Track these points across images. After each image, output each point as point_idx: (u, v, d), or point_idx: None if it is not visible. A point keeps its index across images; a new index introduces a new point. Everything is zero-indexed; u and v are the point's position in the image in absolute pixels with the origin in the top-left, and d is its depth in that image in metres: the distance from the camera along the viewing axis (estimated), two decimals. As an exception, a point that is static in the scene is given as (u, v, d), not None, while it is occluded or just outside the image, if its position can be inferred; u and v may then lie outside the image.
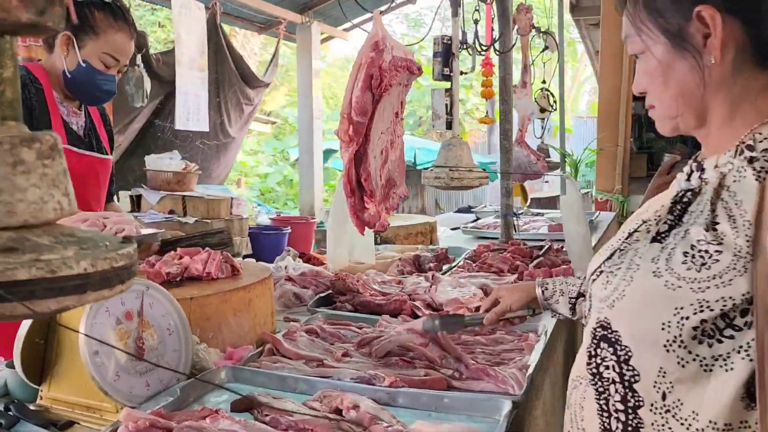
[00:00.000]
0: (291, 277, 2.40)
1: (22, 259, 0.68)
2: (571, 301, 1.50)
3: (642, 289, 0.93)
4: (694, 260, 0.89)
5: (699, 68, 0.94)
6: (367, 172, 1.65)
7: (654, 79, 1.00)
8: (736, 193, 0.92)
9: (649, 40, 0.98)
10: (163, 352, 1.51)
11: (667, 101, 1.00)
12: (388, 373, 1.56)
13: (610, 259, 1.06)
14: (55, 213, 0.75)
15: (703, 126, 1.00)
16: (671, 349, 0.89)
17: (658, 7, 0.97)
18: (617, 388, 0.97)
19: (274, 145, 15.23)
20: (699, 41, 0.94)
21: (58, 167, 0.76)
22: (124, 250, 0.77)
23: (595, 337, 1.01)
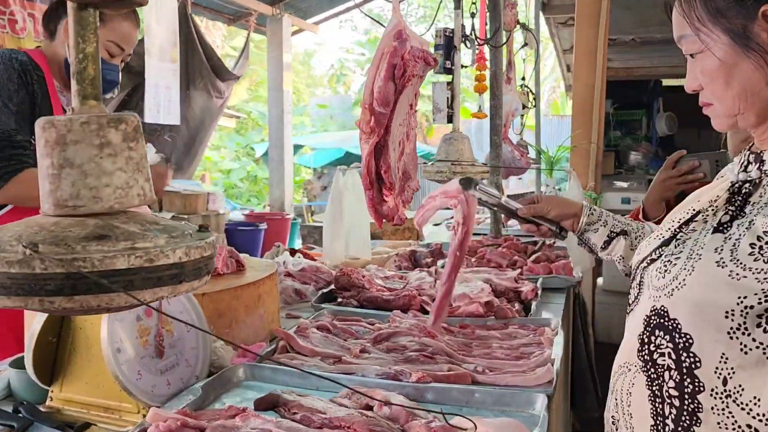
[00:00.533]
0: (290, 272, 2.35)
1: (117, 247, 0.63)
2: (610, 234, 1.50)
3: (705, 279, 0.94)
4: (762, 251, 0.90)
5: (765, 67, 0.95)
6: (387, 164, 1.62)
7: (715, 79, 1.00)
8: None
9: (710, 41, 0.98)
10: (182, 349, 1.45)
11: (729, 100, 1.00)
12: (412, 368, 1.54)
13: (664, 249, 1.06)
14: (139, 199, 0.71)
15: (764, 123, 1.00)
16: (735, 336, 0.90)
17: (719, 8, 0.96)
18: (672, 375, 0.97)
19: (237, 140, 15.00)
20: (764, 40, 0.94)
21: (142, 150, 0.71)
22: (209, 239, 0.73)
23: (649, 324, 1.01)
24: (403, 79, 1.60)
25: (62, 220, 0.66)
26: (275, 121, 7.85)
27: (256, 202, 13.97)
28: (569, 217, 1.54)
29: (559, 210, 1.55)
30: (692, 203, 1.10)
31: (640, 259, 1.13)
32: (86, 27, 0.69)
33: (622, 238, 1.49)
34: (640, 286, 1.09)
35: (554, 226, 1.56)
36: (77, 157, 0.66)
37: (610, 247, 1.50)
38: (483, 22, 3.13)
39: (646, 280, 1.07)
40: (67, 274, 0.60)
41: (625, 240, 1.48)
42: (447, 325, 1.88)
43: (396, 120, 1.66)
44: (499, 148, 3.27)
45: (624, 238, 1.48)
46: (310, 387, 1.51)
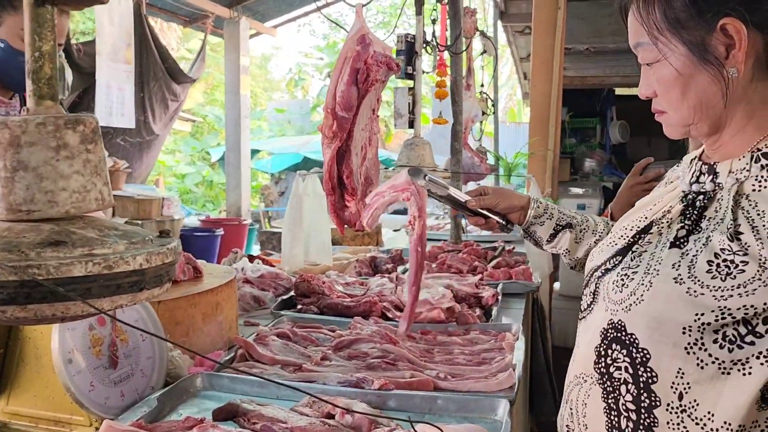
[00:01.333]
0: (249, 279, 2.31)
1: (74, 254, 0.60)
2: (556, 228, 1.49)
3: (663, 295, 0.93)
4: (719, 269, 0.90)
5: (721, 80, 0.95)
6: (349, 169, 1.60)
7: (671, 89, 0.99)
8: (757, 203, 0.92)
9: (667, 50, 0.97)
10: (137, 359, 1.41)
11: (684, 110, 1.00)
12: (374, 375, 1.52)
13: (619, 258, 1.06)
14: (97, 204, 0.68)
15: (717, 133, 1.01)
16: (691, 352, 0.90)
17: (678, 18, 0.95)
18: (629, 389, 0.97)
19: (192, 144, 14.76)
20: (721, 53, 0.94)
21: (100, 153, 0.69)
22: (171, 245, 0.70)
23: (606, 337, 1.01)
24: (366, 84, 1.59)
25: (15, 226, 0.63)
26: (232, 125, 7.75)
27: (211, 207, 13.75)
28: (517, 210, 1.52)
29: (508, 203, 1.53)
30: (643, 210, 1.11)
31: (594, 267, 1.12)
32: (43, 24, 0.66)
33: (567, 231, 1.49)
34: (595, 295, 1.08)
35: (502, 219, 1.54)
36: (32, 160, 0.63)
37: (556, 240, 1.50)
38: (443, 28, 3.15)
39: (601, 291, 1.06)
40: (21, 282, 0.57)
41: (570, 233, 1.49)
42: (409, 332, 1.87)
43: (358, 125, 1.65)
44: (460, 154, 3.29)
45: (569, 231, 1.49)
46: (270, 396, 1.48)
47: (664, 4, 0.96)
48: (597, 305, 1.07)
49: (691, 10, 0.94)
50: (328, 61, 17.54)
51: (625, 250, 1.07)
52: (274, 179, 13.40)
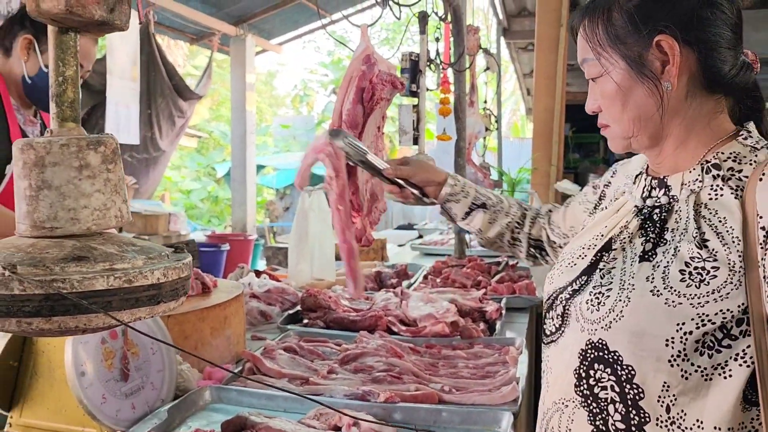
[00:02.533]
0: (256, 294, 2.34)
1: (95, 269, 0.63)
2: (471, 206, 1.51)
3: (642, 309, 0.95)
4: (692, 277, 0.93)
5: (657, 93, 1.00)
6: (355, 185, 1.64)
7: (612, 102, 1.04)
8: (717, 210, 0.96)
9: (609, 65, 1.03)
10: (147, 372, 1.44)
11: (625, 123, 1.05)
12: (380, 388, 1.55)
13: (586, 279, 1.06)
14: (116, 221, 0.71)
15: (657, 146, 1.06)
16: (675, 364, 0.92)
17: (618, 35, 1.01)
18: (617, 408, 0.97)
19: (198, 160, 14.85)
20: (657, 68, 1.00)
21: (120, 172, 0.72)
22: (185, 260, 0.73)
23: (586, 358, 1.01)
24: (372, 103, 1.63)
25: (39, 242, 0.66)
26: (238, 141, 7.82)
27: (217, 222, 13.81)
28: (433, 185, 1.53)
29: (425, 176, 1.53)
30: (598, 228, 1.13)
31: (557, 289, 1.12)
32: (66, 51, 0.70)
33: (481, 211, 1.51)
34: (564, 318, 1.07)
35: (418, 191, 1.53)
36: (56, 179, 0.67)
37: (469, 218, 1.52)
38: (447, 46, 3.20)
39: (573, 313, 1.05)
40: (46, 295, 0.60)
41: (485, 213, 1.51)
42: (413, 345, 1.90)
43: (364, 142, 1.68)
44: (463, 170, 3.32)
45: (483, 212, 1.51)
46: (277, 409, 1.51)
47: (606, 22, 1.03)
48: (569, 327, 1.06)
49: (630, 27, 1.00)
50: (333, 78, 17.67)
51: (590, 269, 1.07)
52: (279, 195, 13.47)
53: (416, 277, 2.87)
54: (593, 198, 1.35)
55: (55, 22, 0.68)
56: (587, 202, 1.37)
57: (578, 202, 1.42)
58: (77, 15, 0.66)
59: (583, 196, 1.40)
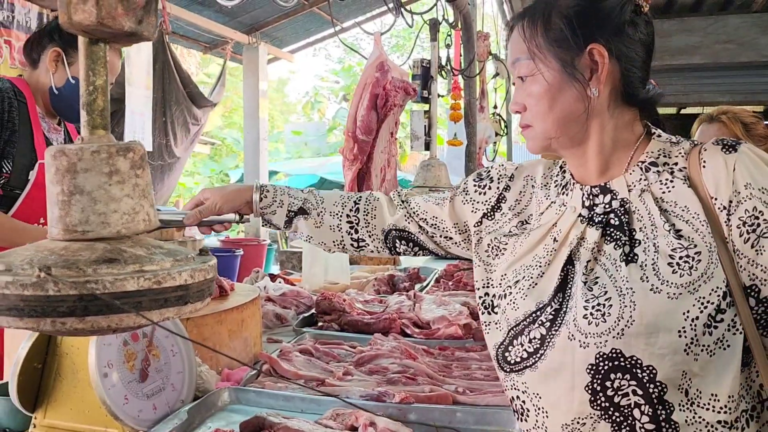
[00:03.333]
0: (271, 297, 2.37)
1: (126, 270, 0.66)
2: (289, 215, 1.39)
3: (649, 309, 0.97)
4: (681, 267, 0.98)
5: (585, 98, 1.05)
6: (369, 189, 1.66)
7: (539, 102, 1.08)
8: (676, 201, 1.02)
9: (542, 66, 1.07)
10: (168, 373, 1.47)
11: (549, 123, 1.08)
12: (395, 390, 1.57)
13: (562, 296, 1.05)
14: (144, 224, 0.74)
15: (575, 148, 1.09)
16: (690, 351, 0.96)
17: (555, 38, 1.06)
18: (644, 410, 0.98)
19: (211, 167, 14.96)
20: (587, 74, 1.05)
21: (147, 177, 0.75)
22: (211, 262, 0.76)
23: (598, 372, 1.00)
24: (385, 109, 1.66)
25: (71, 245, 0.69)
26: (251, 147, 7.87)
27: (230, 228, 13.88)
28: (243, 205, 1.40)
29: (230, 204, 1.40)
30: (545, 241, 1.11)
31: (526, 312, 1.08)
32: (97, 61, 0.73)
33: (302, 217, 1.39)
34: (544, 341, 1.04)
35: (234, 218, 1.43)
36: (87, 184, 0.70)
37: (293, 226, 1.41)
38: (457, 53, 3.22)
39: (562, 332, 1.03)
40: (80, 296, 0.63)
41: (306, 219, 1.39)
42: (427, 347, 1.92)
43: (378, 147, 1.71)
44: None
45: (304, 218, 1.39)
46: (294, 410, 1.53)
47: (545, 24, 1.07)
48: (553, 349, 1.03)
49: (567, 31, 1.05)
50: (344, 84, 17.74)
51: (562, 285, 1.06)
52: (291, 200, 13.50)
53: (429, 281, 2.89)
54: (484, 198, 1.27)
55: (86, 34, 0.71)
56: (474, 202, 1.28)
57: (462, 201, 1.31)
58: (107, 27, 0.69)
59: (465, 194, 1.31)
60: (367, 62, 1.71)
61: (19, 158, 2.01)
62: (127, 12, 0.71)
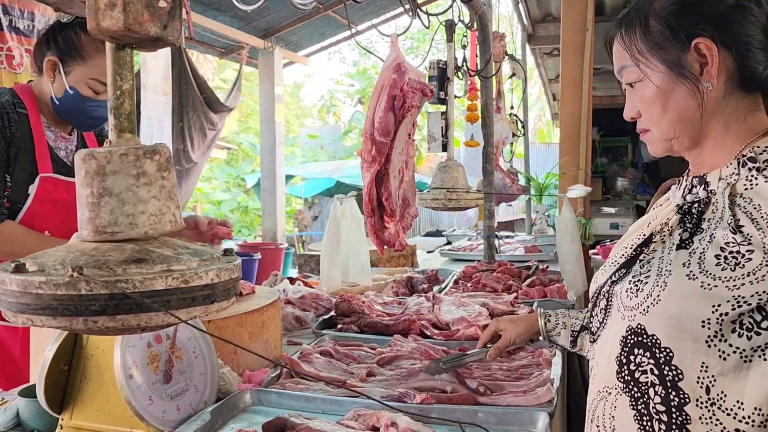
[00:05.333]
0: (291, 300, 2.38)
1: (154, 270, 0.67)
2: (573, 334, 1.50)
3: (678, 292, 0.99)
4: (728, 261, 0.96)
5: (697, 94, 1.04)
6: (388, 191, 1.67)
7: (652, 106, 1.09)
8: (752, 198, 1.00)
9: (648, 70, 1.07)
10: (191, 375, 1.48)
11: (665, 125, 1.09)
12: (413, 387, 1.57)
13: (623, 271, 1.11)
14: (171, 225, 0.75)
15: (698, 146, 1.10)
16: (713, 344, 0.95)
17: (656, 40, 1.06)
18: (657, 390, 1.00)
19: (228, 171, 15.06)
20: (696, 69, 1.04)
21: (173, 180, 0.76)
22: (236, 262, 0.77)
23: (626, 345, 1.05)
24: (403, 110, 1.66)
25: (101, 246, 0.70)
26: (267, 152, 7.92)
27: (247, 233, 13.97)
28: (533, 333, 1.56)
29: (521, 332, 1.58)
30: (641, 229, 1.17)
31: (599, 285, 1.17)
32: (123, 66, 0.74)
33: (585, 334, 1.47)
34: (606, 310, 1.12)
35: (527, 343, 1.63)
36: (116, 186, 0.71)
37: (579, 345, 1.49)
38: (474, 53, 3.23)
39: (614, 302, 1.10)
40: (111, 294, 0.64)
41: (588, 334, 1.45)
42: (446, 348, 1.92)
43: (396, 149, 1.72)
44: (492, 175, 3.34)
45: (586, 334, 1.46)
46: (315, 411, 1.54)
47: (643, 29, 1.08)
48: (610, 318, 1.11)
49: (667, 32, 1.05)
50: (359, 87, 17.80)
51: (629, 262, 1.12)
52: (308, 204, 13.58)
53: (447, 282, 2.90)
54: None
55: (114, 39, 0.73)
56: None
57: None
58: (134, 32, 0.71)
59: None
60: (384, 64, 1.72)
61: (19, 172, 1.95)
62: (153, 18, 0.72)
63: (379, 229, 1.79)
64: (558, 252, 2.66)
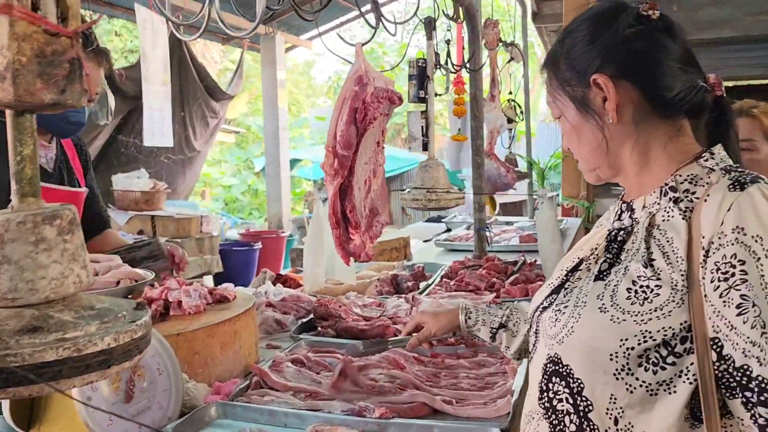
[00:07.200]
0: (271, 302, 2.41)
1: (48, 340, 0.69)
2: (491, 331, 1.56)
3: (590, 325, 1.01)
4: (637, 295, 0.98)
5: (602, 128, 1.07)
6: (352, 204, 1.68)
7: (570, 140, 1.13)
8: (666, 231, 1.00)
9: (562, 106, 1.12)
10: (154, 392, 1.51)
11: (585, 156, 1.13)
12: (378, 402, 1.59)
13: (554, 296, 1.14)
14: (75, 286, 0.77)
15: (620, 174, 1.12)
16: (620, 377, 0.97)
17: (565, 78, 1.10)
18: (572, 419, 1.03)
19: (237, 155, 15.11)
20: (599, 104, 1.06)
21: (77, 241, 0.77)
22: (141, 320, 0.79)
23: (546, 372, 1.08)
24: (365, 123, 1.66)
25: (1, 312, 0.72)
26: (271, 137, 7.94)
27: (257, 215, 14.04)
28: (453, 327, 1.64)
29: (442, 326, 1.65)
30: (577, 252, 1.19)
31: (533, 309, 1.20)
32: (23, 131, 0.75)
33: (502, 331, 1.54)
34: (537, 335, 1.15)
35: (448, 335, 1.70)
36: (14, 254, 0.72)
37: (497, 340, 1.56)
38: (460, 47, 3.19)
39: (540, 329, 1.13)
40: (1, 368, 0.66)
41: (506, 332, 1.54)
42: (418, 354, 1.93)
43: (360, 160, 1.72)
44: (481, 168, 3.33)
45: (504, 331, 1.54)
46: (278, 424, 1.57)
47: (555, 67, 1.12)
48: (539, 344, 1.14)
49: (571, 70, 1.08)
50: (367, 67, 17.67)
51: (558, 288, 1.14)
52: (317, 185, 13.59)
53: (434, 278, 2.90)
54: None
55: (9, 107, 0.74)
56: None
57: None
58: (27, 102, 0.72)
59: None
60: (347, 74, 1.71)
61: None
62: (48, 86, 0.73)
63: (345, 241, 1.80)
64: (539, 250, 2.66)
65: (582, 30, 1.08)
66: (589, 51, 1.06)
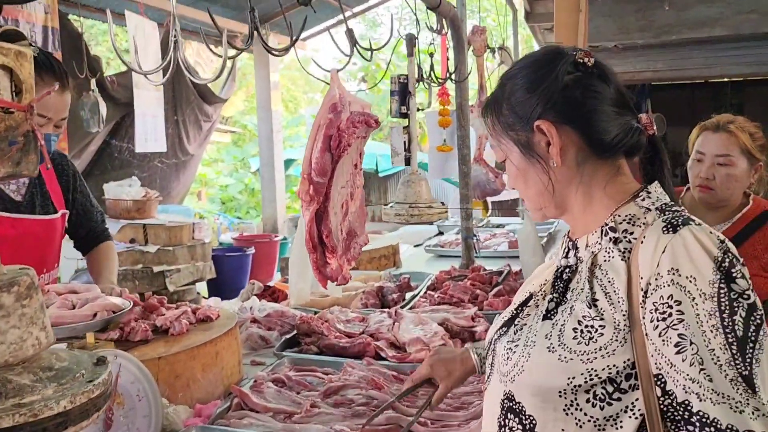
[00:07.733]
0: (256, 318, 2.44)
1: (5, 406, 0.72)
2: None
3: (539, 364, 1.05)
4: (583, 335, 1.02)
5: (547, 171, 1.10)
6: (328, 229, 1.70)
7: (516, 182, 1.17)
8: (607, 271, 1.04)
9: (507, 150, 1.15)
10: (133, 419, 1.55)
11: (531, 197, 1.16)
12: (354, 425, 1.63)
13: (505, 330, 1.17)
14: (34, 349, 0.80)
15: (566, 213, 1.15)
16: (569, 412, 1.01)
17: (509, 122, 1.12)
18: None
19: (234, 153, 15.10)
20: (543, 148, 1.10)
21: (35, 304, 0.80)
22: (99, 379, 0.82)
23: (503, 408, 1.11)
24: (339, 149, 1.69)
25: (-38, 377, 0.75)
26: (265, 140, 7.95)
27: (254, 214, 14.05)
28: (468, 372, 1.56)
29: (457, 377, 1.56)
30: (529, 285, 1.23)
31: (490, 339, 1.23)
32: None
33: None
34: (492, 367, 1.18)
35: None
36: (-27, 322, 0.75)
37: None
38: (444, 59, 3.21)
39: (495, 362, 1.16)
40: (-43, 436, 0.69)
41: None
42: (398, 372, 1.97)
43: (336, 186, 1.74)
44: (468, 177, 3.35)
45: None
46: (257, 447, 1.60)
47: (497, 112, 1.14)
48: (493, 376, 1.17)
49: (515, 116, 1.11)
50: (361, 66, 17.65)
51: (509, 321, 1.18)
52: (314, 184, 13.59)
53: (420, 290, 2.93)
54: None
55: (-33, 179, 0.77)
56: None
57: None
58: (-19, 178, 0.74)
59: None
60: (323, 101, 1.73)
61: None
62: (2, 160, 0.76)
63: (321, 265, 1.83)
64: (521, 264, 2.69)
65: (523, 77, 1.11)
66: (530, 98, 1.09)
